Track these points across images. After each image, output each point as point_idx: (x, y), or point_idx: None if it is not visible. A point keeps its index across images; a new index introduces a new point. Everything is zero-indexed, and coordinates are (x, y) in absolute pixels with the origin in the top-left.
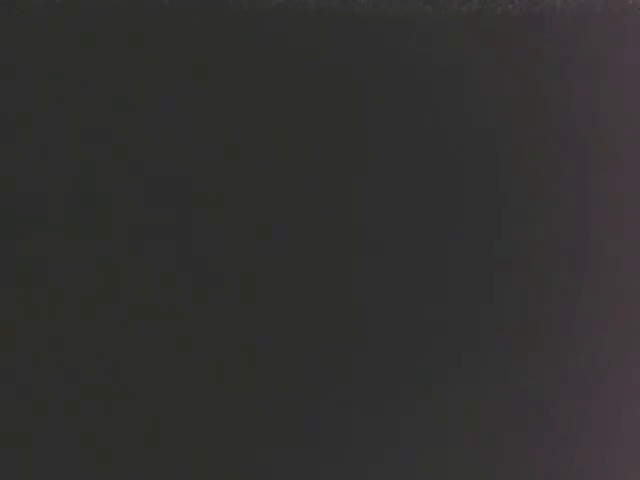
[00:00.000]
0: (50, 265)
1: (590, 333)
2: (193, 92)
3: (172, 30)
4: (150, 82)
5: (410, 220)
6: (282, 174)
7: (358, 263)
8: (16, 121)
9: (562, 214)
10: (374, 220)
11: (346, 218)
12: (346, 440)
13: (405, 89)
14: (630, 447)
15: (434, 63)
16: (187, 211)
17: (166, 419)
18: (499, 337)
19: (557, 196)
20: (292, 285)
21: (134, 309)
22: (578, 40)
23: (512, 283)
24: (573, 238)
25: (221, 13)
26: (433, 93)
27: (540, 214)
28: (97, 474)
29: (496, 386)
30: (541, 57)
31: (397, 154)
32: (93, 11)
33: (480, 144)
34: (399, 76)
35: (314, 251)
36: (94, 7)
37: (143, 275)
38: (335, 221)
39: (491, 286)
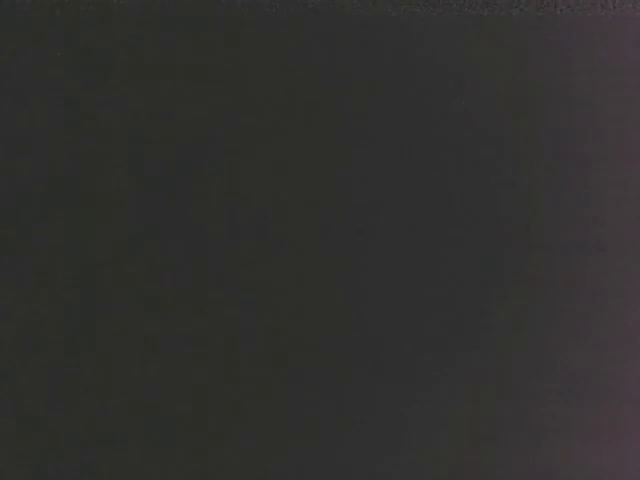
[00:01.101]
0: (49, 263)
1: (591, 332)
2: (192, 91)
3: (172, 30)
4: (152, 81)
5: (410, 218)
6: (280, 173)
7: (358, 260)
8: (16, 120)
9: (563, 213)
10: (374, 218)
11: (346, 217)
12: (345, 439)
13: (403, 89)
14: (631, 446)
15: (433, 63)
16: (185, 211)
17: (166, 419)
18: (499, 336)
19: (558, 194)
20: (291, 282)
21: (133, 307)
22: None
23: (512, 281)
24: (574, 237)
25: (220, 13)
26: (432, 93)
27: (542, 212)
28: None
29: (497, 385)
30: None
31: (397, 154)
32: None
33: (480, 143)
34: (398, 76)
35: (313, 248)
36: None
37: (143, 273)
38: (334, 219)
39: (491, 284)
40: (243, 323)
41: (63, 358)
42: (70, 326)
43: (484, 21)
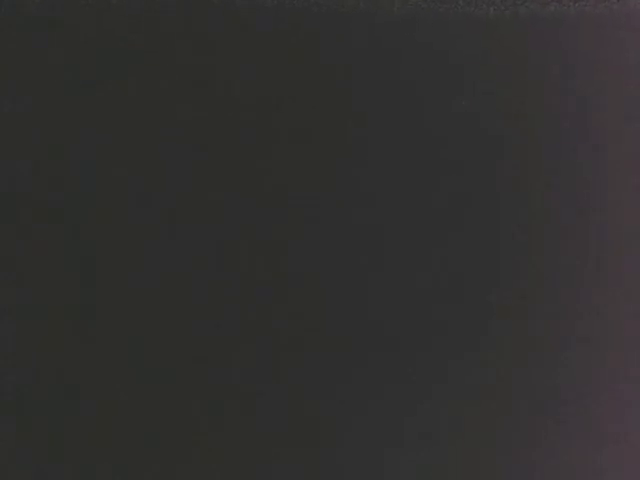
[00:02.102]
0: (48, 264)
1: (591, 333)
2: (194, 93)
3: (173, 29)
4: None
5: (410, 219)
6: (282, 174)
7: (358, 261)
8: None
9: (563, 214)
10: (374, 219)
11: (347, 218)
12: (346, 440)
13: (407, 87)
14: (631, 447)
15: (434, 63)
16: (185, 212)
17: (166, 421)
18: (499, 337)
19: (558, 196)
20: (292, 283)
21: (133, 309)
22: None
23: (513, 282)
24: (575, 238)
25: (221, 12)
26: (432, 93)
27: (542, 213)
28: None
29: (496, 386)
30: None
31: (398, 155)
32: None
33: (480, 145)
34: (401, 73)
35: (315, 249)
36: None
37: (142, 274)
38: (336, 219)
39: (492, 285)
40: (242, 324)
41: (62, 360)
42: (69, 326)
43: (489, 18)
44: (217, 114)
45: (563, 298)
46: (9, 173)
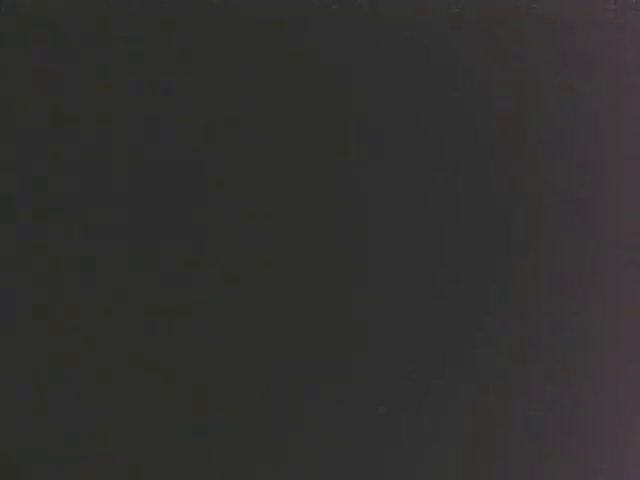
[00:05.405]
0: (49, 263)
1: (589, 333)
2: (194, 94)
3: (172, 29)
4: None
5: (409, 219)
6: (283, 174)
7: (359, 262)
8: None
9: (561, 214)
10: (375, 219)
11: (347, 217)
12: (346, 440)
13: (403, 88)
14: (630, 447)
15: (432, 62)
16: (186, 212)
17: (166, 421)
18: (499, 337)
19: (556, 196)
20: (292, 284)
21: (132, 308)
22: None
23: (511, 283)
24: (572, 237)
25: (220, 15)
26: (431, 93)
27: (540, 213)
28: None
29: (496, 386)
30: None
31: (397, 154)
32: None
33: (478, 144)
34: (398, 75)
35: (314, 250)
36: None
37: (143, 274)
38: (336, 219)
39: (491, 285)
40: (243, 326)
41: (62, 359)
42: (69, 326)
43: (484, 19)
44: (217, 114)
45: (562, 298)
46: (9, 173)
